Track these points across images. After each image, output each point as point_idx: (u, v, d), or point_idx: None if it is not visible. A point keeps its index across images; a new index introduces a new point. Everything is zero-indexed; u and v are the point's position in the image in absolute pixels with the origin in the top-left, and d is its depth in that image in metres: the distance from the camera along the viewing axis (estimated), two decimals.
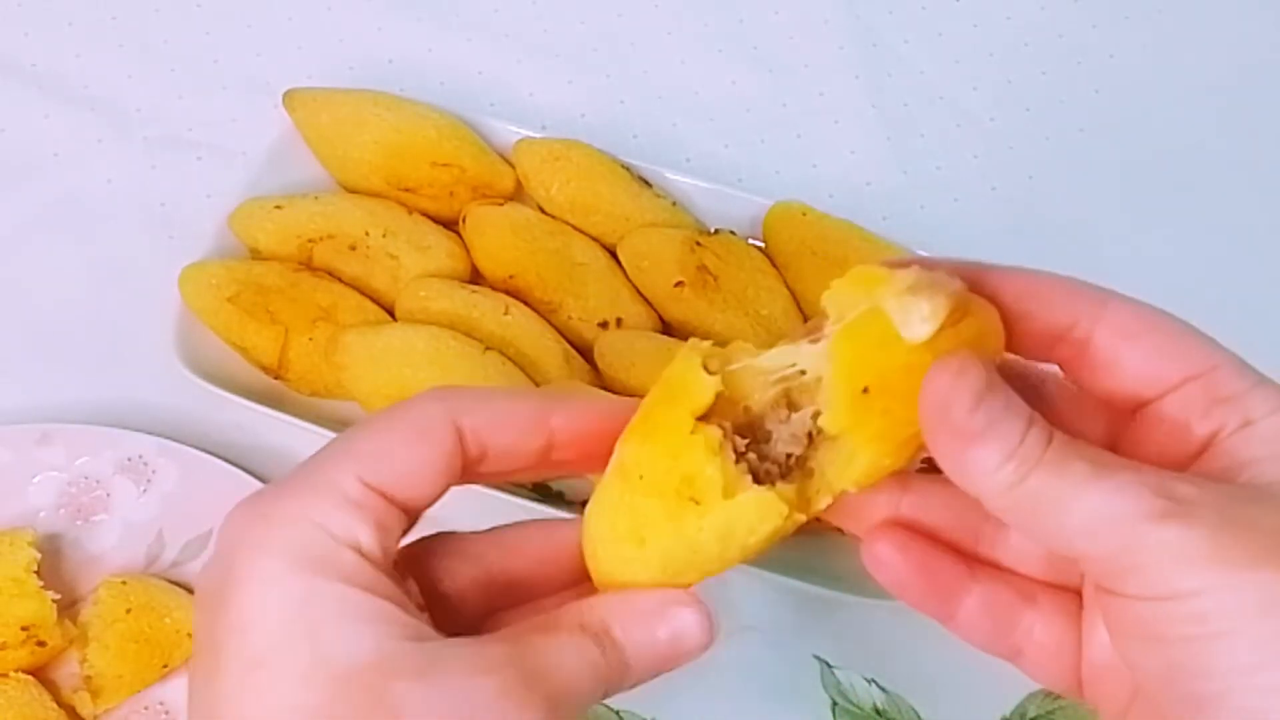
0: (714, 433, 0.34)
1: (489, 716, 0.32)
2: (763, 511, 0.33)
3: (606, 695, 0.36)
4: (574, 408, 0.38)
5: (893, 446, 0.34)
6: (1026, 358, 0.36)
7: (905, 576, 0.37)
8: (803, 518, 0.34)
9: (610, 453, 0.37)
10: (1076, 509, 0.31)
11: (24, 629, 0.54)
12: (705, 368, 0.34)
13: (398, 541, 0.35)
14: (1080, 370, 0.36)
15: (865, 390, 0.33)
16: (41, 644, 0.55)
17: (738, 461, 0.34)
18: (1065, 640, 0.37)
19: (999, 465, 0.31)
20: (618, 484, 0.36)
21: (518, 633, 0.35)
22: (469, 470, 0.37)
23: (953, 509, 0.38)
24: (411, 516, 0.36)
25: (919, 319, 0.32)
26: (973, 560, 0.38)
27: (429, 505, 0.36)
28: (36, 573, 0.55)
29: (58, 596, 0.56)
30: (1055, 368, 0.37)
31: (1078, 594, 0.38)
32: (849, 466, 0.34)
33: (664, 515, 0.34)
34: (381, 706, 0.31)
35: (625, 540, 0.36)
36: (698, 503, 0.34)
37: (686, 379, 0.34)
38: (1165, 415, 0.35)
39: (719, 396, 0.34)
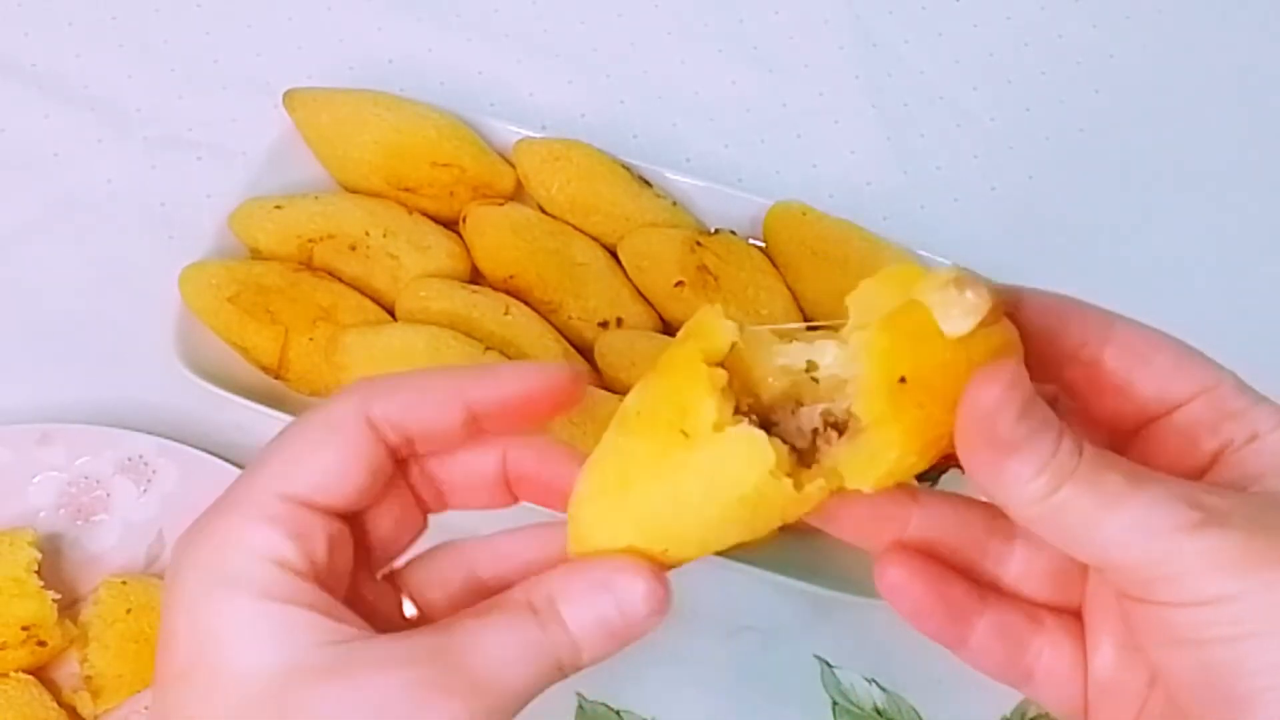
0: (721, 374, 0.33)
1: (397, 712, 0.31)
2: (751, 455, 0.33)
3: (557, 676, 0.34)
4: (489, 377, 0.37)
5: (921, 444, 0.33)
6: (1036, 378, 0.37)
7: (921, 602, 0.37)
8: (789, 486, 0.33)
9: (537, 418, 0.37)
10: (1111, 520, 0.32)
11: (24, 629, 0.54)
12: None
13: (328, 544, 0.35)
14: (1088, 390, 0.36)
15: (902, 380, 0.32)
16: (42, 644, 0.55)
17: (736, 413, 0.33)
18: (1074, 663, 0.38)
19: (1033, 476, 0.32)
20: (612, 431, 0.35)
21: (453, 620, 0.34)
22: (403, 458, 0.37)
23: (959, 528, 0.38)
24: (343, 515, 0.35)
25: (961, 312, 0.32)
26: (981, 583, 0.39)
27: (359, 503, 0.36)
28: (37, 573, 0.55)
29: (58, 596, 0.56)
30: None
31: (1077, 615, 0.38)
32: (873, 462, 0.33)
33: (652, 453, 0.34)
34: (284, 713, 0.31)
35: (609, 490, 0.35)
36: (688, 435, 0.33)
37: (705, 322, 0.34)
38: (1172, 432, 0.36)
39: (731, 363, 0.34)
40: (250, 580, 0.33)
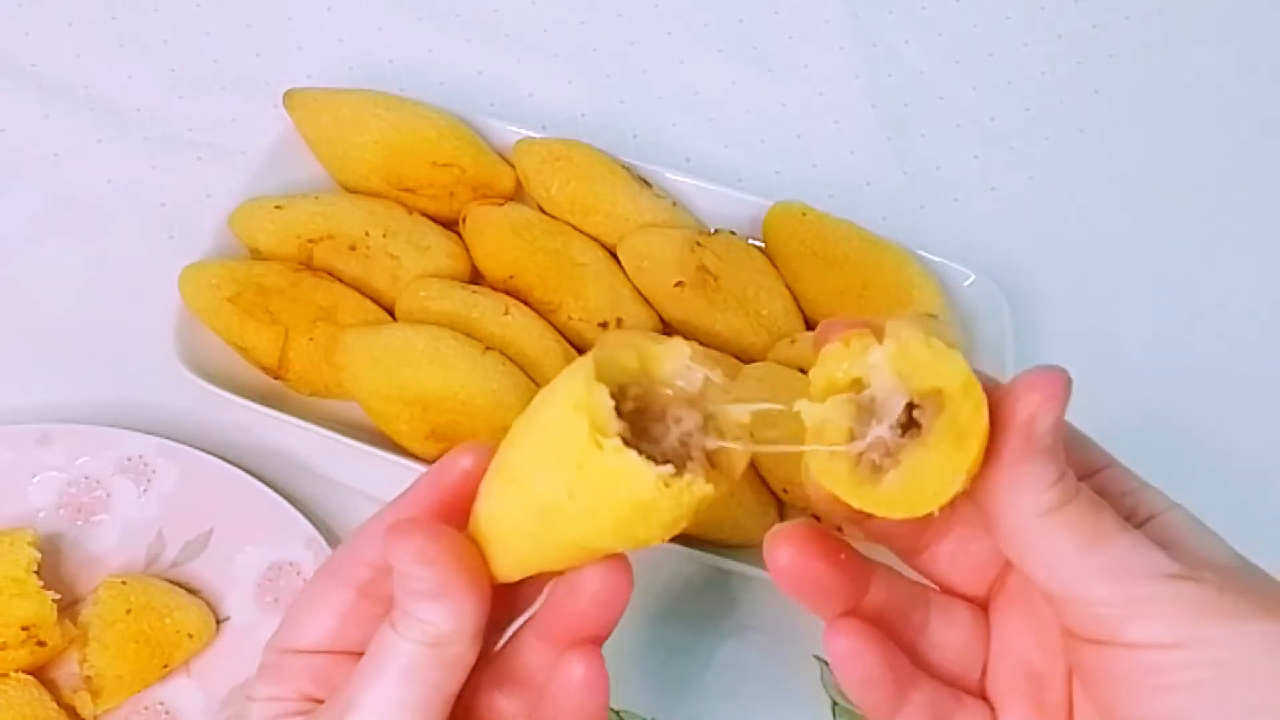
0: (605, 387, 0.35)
1: None
2: (574, 379, 0.34)
3: (435, 655, 0.37)
4: (408, 493, 0.41)
5: (979, 457, 0.34)
6: None
7: (873, 671, 0.38)
8: (593, 445, 0.33)
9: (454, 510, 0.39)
10: (1099, 553, 0.34)
11: (24, 629, 0.54)
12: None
13: (315, 675, 0.40)
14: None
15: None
16: (42, 644, 0.55)
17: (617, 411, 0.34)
18: None
19: (1049, 485, 0.34)
20: None
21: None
22: (377, 587, 0.40)
23: (899, 597, 0.40)
24: (322, 646, 0.41)
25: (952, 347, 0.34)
26: (911, 656, 0.40)
27: (340, 638, 0.40)
28: (36, 573, 0.55)
29: (58, 596, 0.55)
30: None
31: (981, 697, 0.40)
32: (964, 447, 0.33)
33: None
34: None
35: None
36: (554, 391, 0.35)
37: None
38: None
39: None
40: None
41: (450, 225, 0.69)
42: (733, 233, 0.69)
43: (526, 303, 0.66)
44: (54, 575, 0.58)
